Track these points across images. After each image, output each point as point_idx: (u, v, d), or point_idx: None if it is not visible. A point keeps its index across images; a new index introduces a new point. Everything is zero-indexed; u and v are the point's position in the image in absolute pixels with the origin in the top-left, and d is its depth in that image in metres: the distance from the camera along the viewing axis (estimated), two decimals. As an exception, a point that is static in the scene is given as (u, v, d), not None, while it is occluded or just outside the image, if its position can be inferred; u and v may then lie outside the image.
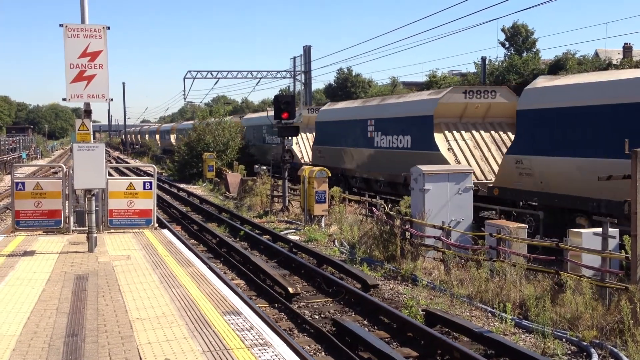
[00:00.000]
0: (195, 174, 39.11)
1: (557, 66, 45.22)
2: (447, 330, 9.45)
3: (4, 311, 6.99)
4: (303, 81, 45.35)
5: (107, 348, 5.78)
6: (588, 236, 10.58)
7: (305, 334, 9.52)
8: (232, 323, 6.51)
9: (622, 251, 9.86)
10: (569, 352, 8.62)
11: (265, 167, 28.53)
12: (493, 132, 20.60)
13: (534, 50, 61.92)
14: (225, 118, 43.88)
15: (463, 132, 20.42)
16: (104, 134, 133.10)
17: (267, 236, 18.08)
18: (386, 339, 9.12)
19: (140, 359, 5.51)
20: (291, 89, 52.51)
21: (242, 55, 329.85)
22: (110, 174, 13.42)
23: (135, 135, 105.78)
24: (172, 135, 69.79)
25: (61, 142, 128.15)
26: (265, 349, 5.72)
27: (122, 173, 44.19)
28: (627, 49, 55.81)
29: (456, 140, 20.18)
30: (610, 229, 9.87)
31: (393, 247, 13.98)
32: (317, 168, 20.25)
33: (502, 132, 20.55)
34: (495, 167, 18.96)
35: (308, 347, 8.80)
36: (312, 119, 32.51)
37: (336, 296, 11.54)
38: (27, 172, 40.78)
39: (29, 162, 57.40)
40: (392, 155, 22.53)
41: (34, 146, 78.10)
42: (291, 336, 9.14)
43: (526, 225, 12.82)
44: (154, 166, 13.59)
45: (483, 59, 44.27)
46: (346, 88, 67.92)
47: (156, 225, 12.67)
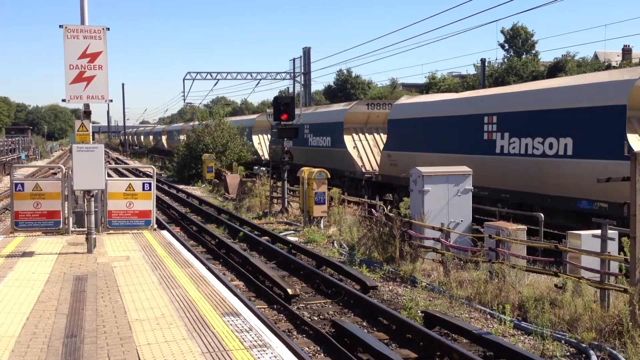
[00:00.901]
0: (194, 175, 39.11)
1: (557, 68, 45.29)
2: (446, 331, 9.45)
3: (3, 312, 6.98)
4: (302, 82, 45.38)
5: (106, 349, 5.77)
6: (587, 238, 10.59)
7: (304, 336, 9.52)
8: (231, 324, 6.51)
9: (621, 253, 9.86)
10: (568, 354, 8.62)
11: (264, 169, 28.52)
12: (383, 135, 27.15)
13: (534, 52, 62.05)
14: (227, 119, 43.84)
15: (367, 134, 28.27)
16: (103, 135, 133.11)
17: (266, 237, 18.08)
18: (385, 341, 9.12)
19: (139, 360, 5.51)
20: (291, 91, 52.52)
21: (242, 56, 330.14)
22: (109, 175, 13.45)
23: (134, 136, 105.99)
24: (164, 136, 74.72)
25: (60, 143, 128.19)
26: (264, 350, 5.73)
27: (122, 174, 44.22)
28: (627, 51, 55.91)
29: (361, 140, 27.95)
30: (609, 231, 9.88)
31: (392, 249, 13.98)
32: (317, 169, 20.26)
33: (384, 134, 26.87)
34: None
35: (307, 349, 8.80)
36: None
37: (335, 297, 11.54)
38: (27, 173, 40.79)
39: (28, 163, 57.40)
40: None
41: (33, 147, 78.09)
42: (290, 337, 9.14)
43: (525, 227, 12.80)
44: (153, 167, 13.59)
45: (482, 61, 44.33)
46: (346, 89, 67.97)
47: (155, 226, 12.67)
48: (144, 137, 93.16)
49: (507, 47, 63.77)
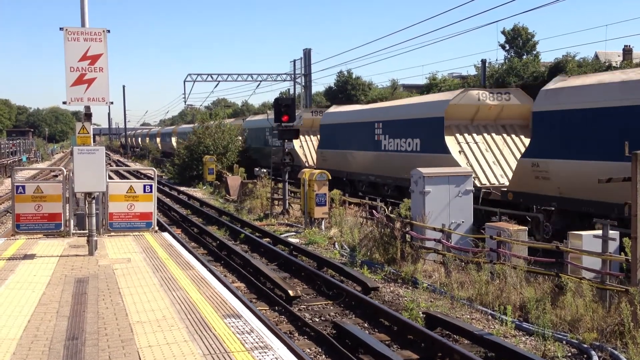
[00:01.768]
0: (195, 177, 39.13)
1: (557, 69, 45.26)
2: (448, 332, 9.45)
3: (4, 314, 6.99)
4: (303, 84, 45.39)
5: (108, 351, 5.78)
6: (588, 238, 10.58)
7: (305, 337, 9.52)
8: (233, 326, 6.52)
9: (622, 253, 9.86)
10: (570, 355, 8.62)
11: (265, 170, 28.53)
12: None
13: (534, 52, 62.04)
14: (225, 121, 43.88)
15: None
16: (104, 137, 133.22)
17: (268, 239, 18.09)
18: (386, 342, 9.12)
19: (140, 362, 5.51)
20: (291, 92, 52.54)
21: (243, 58, 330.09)
22: (110, 177, 13.46)
23: (135, 138, 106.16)
24: (158, 138, 79.37)
25: (61, 146, 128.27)
26: (265, 352, 5.73)
27: (123, 176, 44.26)
28: (627, 51, 55.86)
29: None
30: (610, 232, 9.87)
31: (393, 250, 13.98)
32: (318, 171, 20.26)
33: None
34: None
35: (308, 350, 8.80)
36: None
37: (336, 299, 11.54)
38: (28, 176, 40.85)
39: (30, 166, 57.44)
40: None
41: (34, 149, 78.13)
42: (291, 339, 9.14)
43: (526, 227, 12.80)
44: (154, 169, 13.60)
45: (483, 62, 44.29)
46: (346, 91, 67.97)
47: (156, 228, 12.67)
48: (141, 139, 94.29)
49: (508, 48, 63.77)
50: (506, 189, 16.98)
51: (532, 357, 7.83)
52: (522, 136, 19.96)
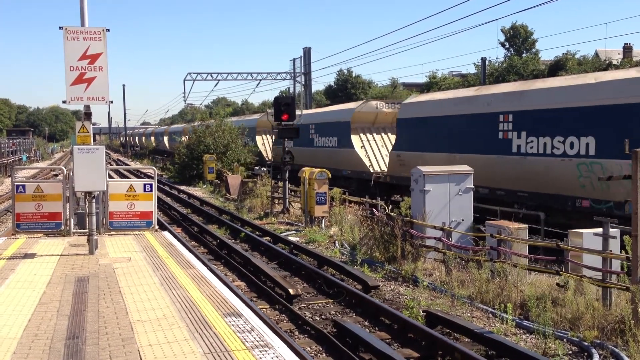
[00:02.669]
0: (195, 176, 39.12)
1: (557, 67, 45.26)
2: (448, 331, 9.45)
3: (5, 314, 6.99)
4: (303, 83, 45.38)
5: (108, 350, 5.78)
6: (589, 236, 10.58)
7: (306, 336, 9.52)
8: (233, 325, 6.52)
9: (623, 251, 9.85)
10: (570, 353, 8.61)
11: (265, 169, 28.53)
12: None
13: (534, 50, 62.03)
14: (230, 119, 43.77)
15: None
16: (104, 136, 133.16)
17: (268, 238, 18.08)
18: (387, 340, 9.12)
19: (141, 361, 5.51)
20: (291, 91, 52.52)
21: (242, 57, 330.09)
22: (110, 176, 13.45)
23: (135, 137, 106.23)
24: (152, 137, 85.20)
25: (61, 145, 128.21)
26: (266, 351, 5.73)
27: (123, 175, 44.25)
28: (627, 49, 55.88)
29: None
30: (610, 229, 9.86)
31: (394, 248, 13.98)
32: (317, 169, 20.26)
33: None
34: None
35: (309, 349, 8.80)
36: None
37: (337, 297, 11.53)
38: (28, 175, 40.84)
39: (30, 165, 57.42)
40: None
41: (35, 149, 78.09)
42: (292, 337, 9.14)
43: (526, 225, 12.79)
44: (154, 168, 13.59)
45: (483, 60, 44.31)
46: (346, 89, 67.94)
47: (157, 227, 12.67)
48: (140, 138, 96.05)
49: (508, 46, 63.78)
50: (385, 174, 24.28)
51: (533, 355, 7.83)
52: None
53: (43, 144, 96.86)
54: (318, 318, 10.46)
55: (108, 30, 10.62)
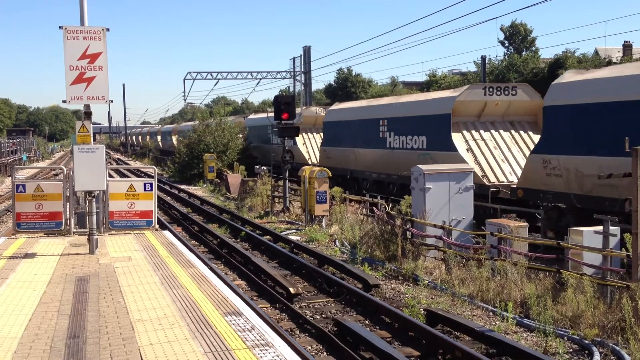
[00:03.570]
0: (195, 175, 39.11)
1: (557, 65, 45.22)
2: (449, 329, 9.45)
3: (6, 313, 6.99)
4: (303, 81, 45.36)
5: (109, 350, 5.78)
6: (589, 234, 10.58)
7: (306, 334, 9.52)
8: (234, 324, 6.52)
9: (623, 249, 9.85)
10: (571, 351, 8.62)
11: (265, 168, 28.54)
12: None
13: (534, 49, 61.96)
14: (227, 118, 43.85)
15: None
16: (105, 136, 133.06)
17: (268, 237, 18.08)
18: (388, 339, 9.12)
19: (141, 361, 5.51)
20: (291, 90, 52.51)
21: (242, 56, 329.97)
22: (110, 176, 13.44)
23: (135, 136, 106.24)
24: (147, 136, 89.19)
25: (62, 144, 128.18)
26: (266, 350, 5.73)
27: (123, 174, 44.25)
28: (627, 47, 55.81)
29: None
30: (611, 227, 9.86)
31: (394, 247, 13.98)
32: (318, 168, 20.25)
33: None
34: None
35: (310, 348, 8.80)
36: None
37: (337, 296, 11.54)
38: (28, 175, 40.85)
39: (30, 165, 57.42)
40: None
41: (35, 148, 78.04)
42: (293, 336, 9.14)
43: (527, 223, 12.79)
44: (155, 167, 13.58)
45: (483, 58, 44.27)
46: (346, 88, 67.88)
47: (157, 226, 12.66)
48: (143, 137, 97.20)
49: (507, 44, 63.72)
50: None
51: (534, 354, 7.83)
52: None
53: (43, 144, 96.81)
54: (319, 317, 10.46)
55: (108, 29, 10.62)
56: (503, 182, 18.00)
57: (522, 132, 19.95)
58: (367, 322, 10.09)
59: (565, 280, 10.14)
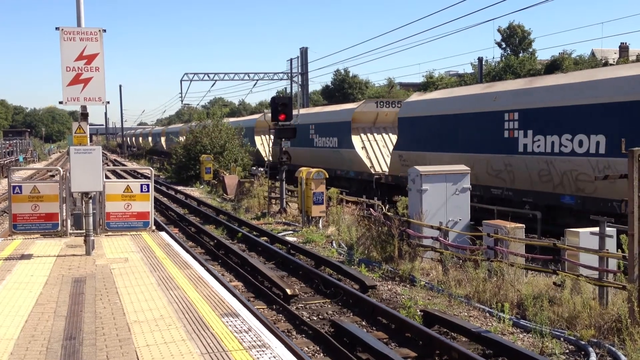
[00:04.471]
0: (192, 176, 39.07)
1: (554, 66, 45.35)
2: (445, 330, 9.46)
3: (2, 314, 6.98)
4: (300, 83, 45.38)
5: (105, 351, 5.77)
6: (585, 235, 10.60)
7: (303, 335, 9.52)
8: (230, 325, 6.51)
9: (619, 250, 9.88)
10: (567, 351, 8.63)
11: (262, 169, 28.53)
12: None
13: (530, 50, 62.11)
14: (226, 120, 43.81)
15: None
16: (101, 137, 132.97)
17: (265, 238, 18.08)
18: (384, 340, 9.13)
19: (138, 362, 5.51)
20: (288, 91, 52.55)
21: (239, 57, 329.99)
22: (107, 177, 13.42)
23: (131, 137, 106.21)
24: (141, 138, 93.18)
25: (58, 145, 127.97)
26: (263, 351, 5.73)
27: (120, 176, 44.19)
28: (624, 49, 56.02)
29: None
30: (607, 229, 9.89)
31: (391, 248, 13.99)
32: (315, 169, 20.26)
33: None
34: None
35: (306, 349, 8.80)
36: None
37: (334, 297, 11.54)
38: (24, 176, 40.76)
39: (26, 166, 57.30)
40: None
41: (31, 149, 77.86)
42: (289, 337, 9.14)
43: (523, 225, 12.81)
44: (151, 168, 13.58)
45: (480, 60, 44.41)
46: (343, 89, 67.95)
47: (154, 227, 12.65)
48: (140, 138, 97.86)
49: (504, 46, 63.84)
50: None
51: (530, 354, 7.84)
52: None
53: (40, 145, 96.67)
54: (315, 318, 10.46)
55: (104, 30, 10.61)
56: (385, 172, 24.89)
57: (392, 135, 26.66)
58: (364, 323, 10.10)
59: (561, 281, 10.16)
